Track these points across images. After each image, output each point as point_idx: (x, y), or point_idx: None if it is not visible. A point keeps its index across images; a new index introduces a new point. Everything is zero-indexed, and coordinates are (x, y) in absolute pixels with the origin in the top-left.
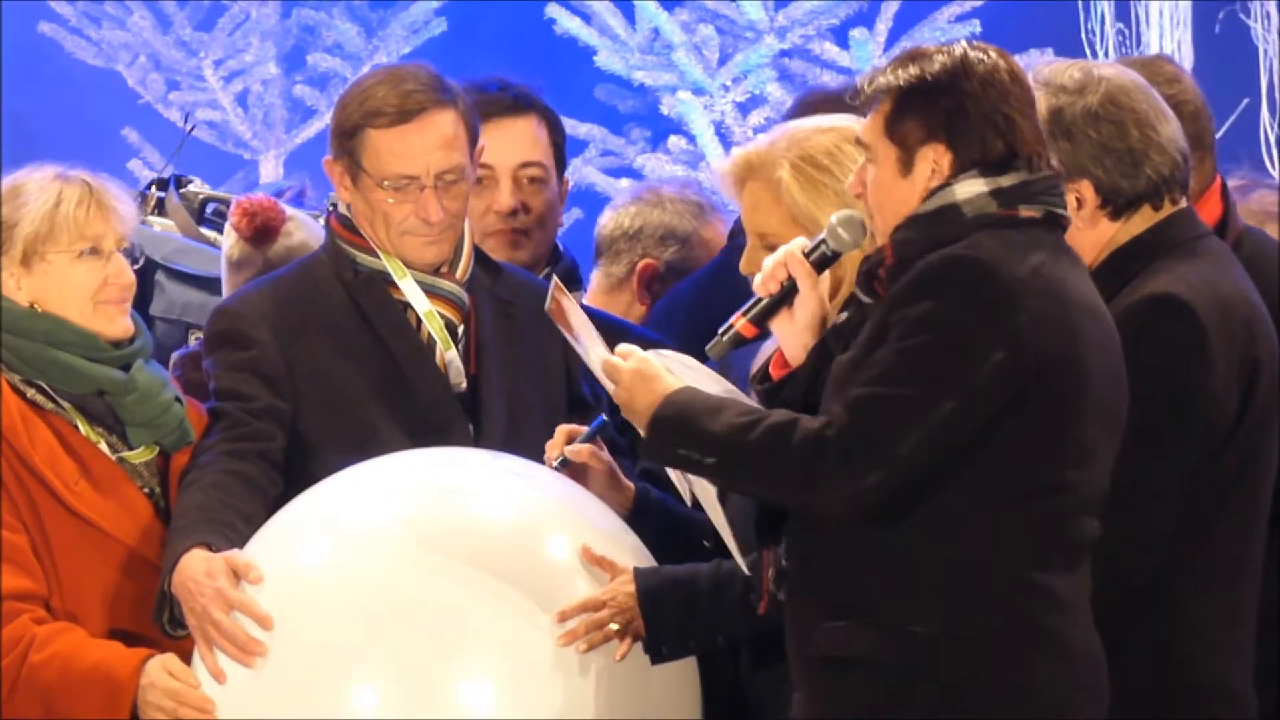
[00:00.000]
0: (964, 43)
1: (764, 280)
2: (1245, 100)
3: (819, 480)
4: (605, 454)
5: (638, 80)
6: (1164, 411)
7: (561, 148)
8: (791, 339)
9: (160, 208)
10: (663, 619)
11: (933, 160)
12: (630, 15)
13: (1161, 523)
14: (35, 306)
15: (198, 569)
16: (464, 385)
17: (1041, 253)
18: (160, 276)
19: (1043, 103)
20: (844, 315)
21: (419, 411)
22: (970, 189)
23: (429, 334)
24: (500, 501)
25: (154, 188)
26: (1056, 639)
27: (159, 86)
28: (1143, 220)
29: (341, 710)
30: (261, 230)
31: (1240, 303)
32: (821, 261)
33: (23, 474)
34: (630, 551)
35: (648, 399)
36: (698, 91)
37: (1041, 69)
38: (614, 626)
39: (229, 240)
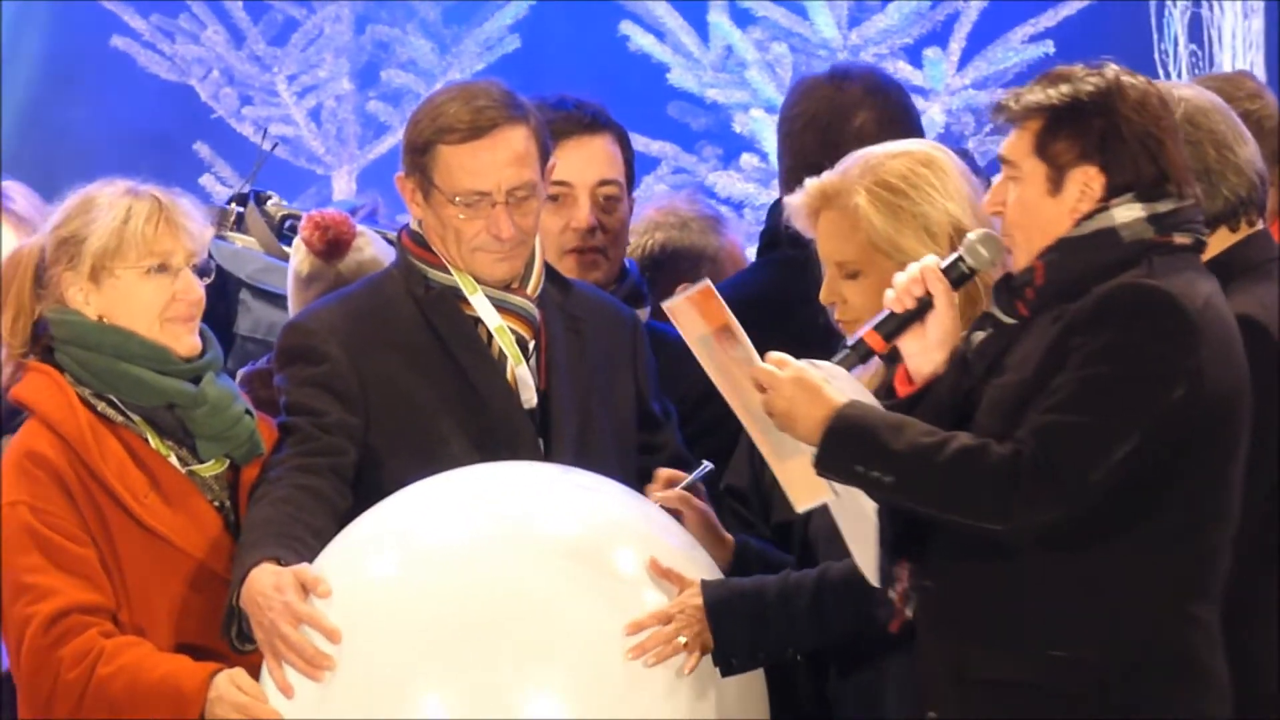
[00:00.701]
0: (1113, 66)
1: (898, 295)
2: None
3: (1015, 506)
4: (701, 503)
5: (710, 98)
6: None
7: (632, 166)
8: (921, 355)
9: (240, 224)
10: (731, 631)
11: (1084, 182)
12: (703, 33)
13: (1240, 544)
14: (104, 320)
15: (266, 583)
16: (534, 401)
17: (1208, 283)
18: (245, 295)
19: None
20: (977, 334)
21: (489, 426)
22: (1128, 214)
23: (500, 349)
24: (568, 516)
25: (234, 203)
26: (1209, 674)
27: (232, 101)
28: (1219, 242)
29: None
30: (333, 244)
31: None
32: (958, 278)
33: (92, 487)
34: (699, 565)
35: (815, 410)
36: (770, 109)
37: None
38: (682, 639)
39: (298, 255)
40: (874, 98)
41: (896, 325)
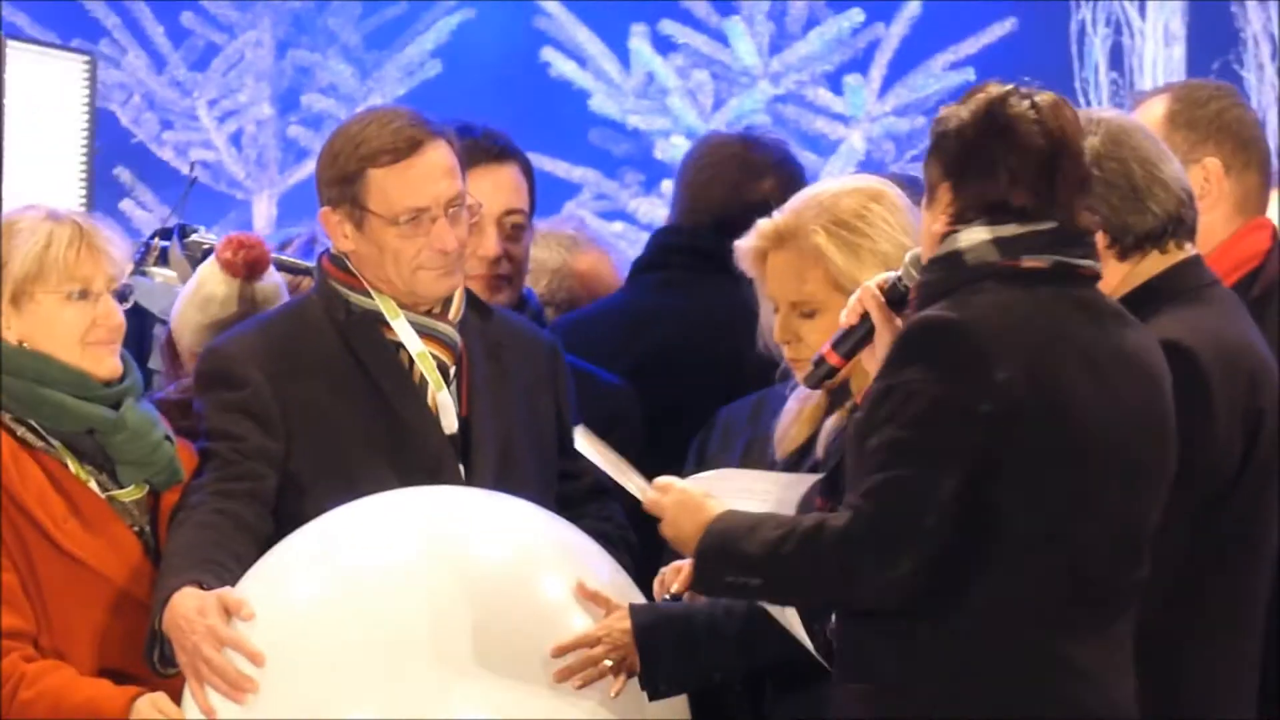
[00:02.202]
0: (1005, 86)
1: (848, 315)
2: None
3: (854, 575)
4: None
5: (632, 124)
6: None
7: (534, 195)
8: (874, 374)
9: (164, 258)
10: (659, 655)
11: (945, 201)
12: (625, 59)
13: (1159, 569)
14: (24, 345)
15: (189, 606)
16: (455, 427)
17: (1029, 306)
18: (159, 330)
19: None
20: None
21: (411, 452)
22: (973, 236)
23: (421, 375)
24: (494, 538)
25: (157, 238)
26: (1075, 710)
27: (153, 126)
28: (1151, 266)
29: None
30: (253, 265)
31: (1246, 352)
32: (899, 298)
33: (12, 512)
34: (625, 591)
35: (692, 530)
36: (692, 136)
37: None
38: (609, 663)
39: (212, 278)
40: (784, 168)
41: (853, 343)
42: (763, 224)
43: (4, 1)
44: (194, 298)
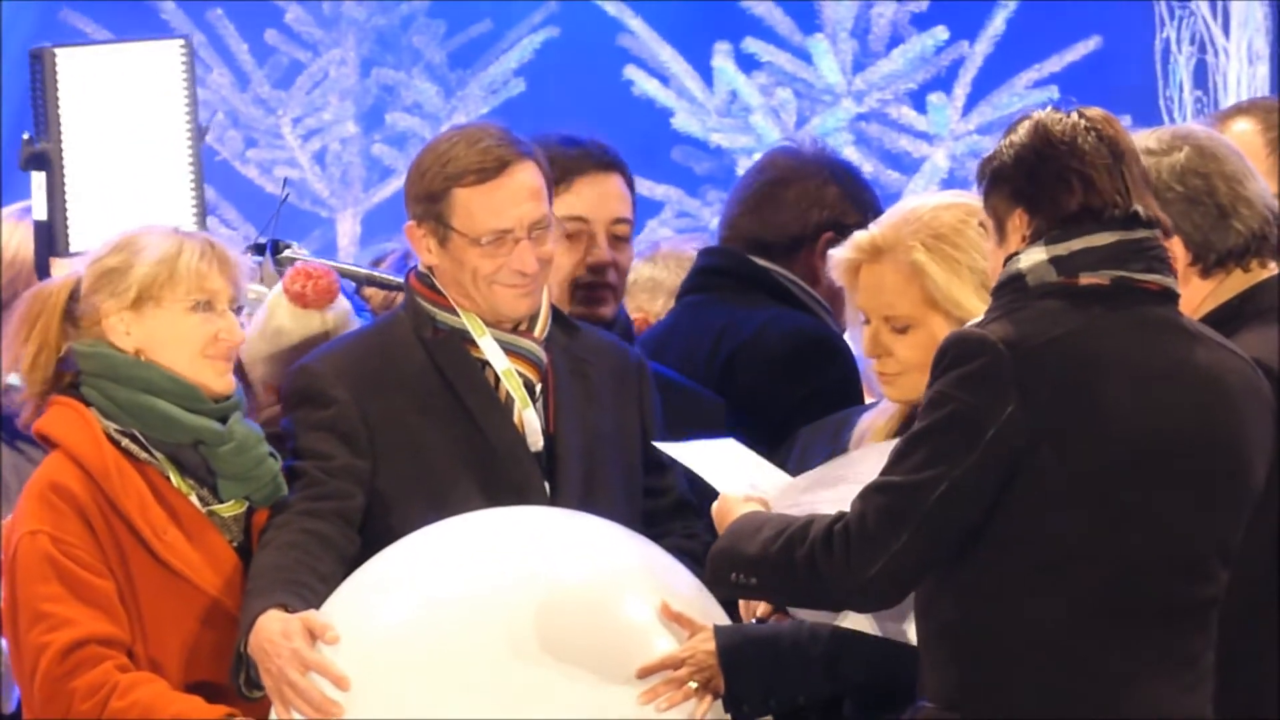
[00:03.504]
0: (1045, 110)
1: None
2: None
3: (824, 578)
4: None
5: (714, 142)
6: None
7: (635, 207)
8: None
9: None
10: (743, 677)
11: (1019, 228)
12: (708, 77)
13: (1242, 592)
14: (140, 354)
15: (274, 630)
16: (541, 444)
17: (1075, 322)
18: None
19: None
20: None
21: (496, 470)
22: (1031, 258)
23: (507, 392)
24: (578, 561)
25: (249, 253)
26: (1095, 716)
27: (237, 144)
28: (1234, 285)
29: None
30: (323, 294)
31: None
32: None
33: (114, 521)
34: (709, 612)
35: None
36: None
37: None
38: (693, 685)
39: (283, 310)
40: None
41: None
42: (859, 236)
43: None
44: (264, 330)
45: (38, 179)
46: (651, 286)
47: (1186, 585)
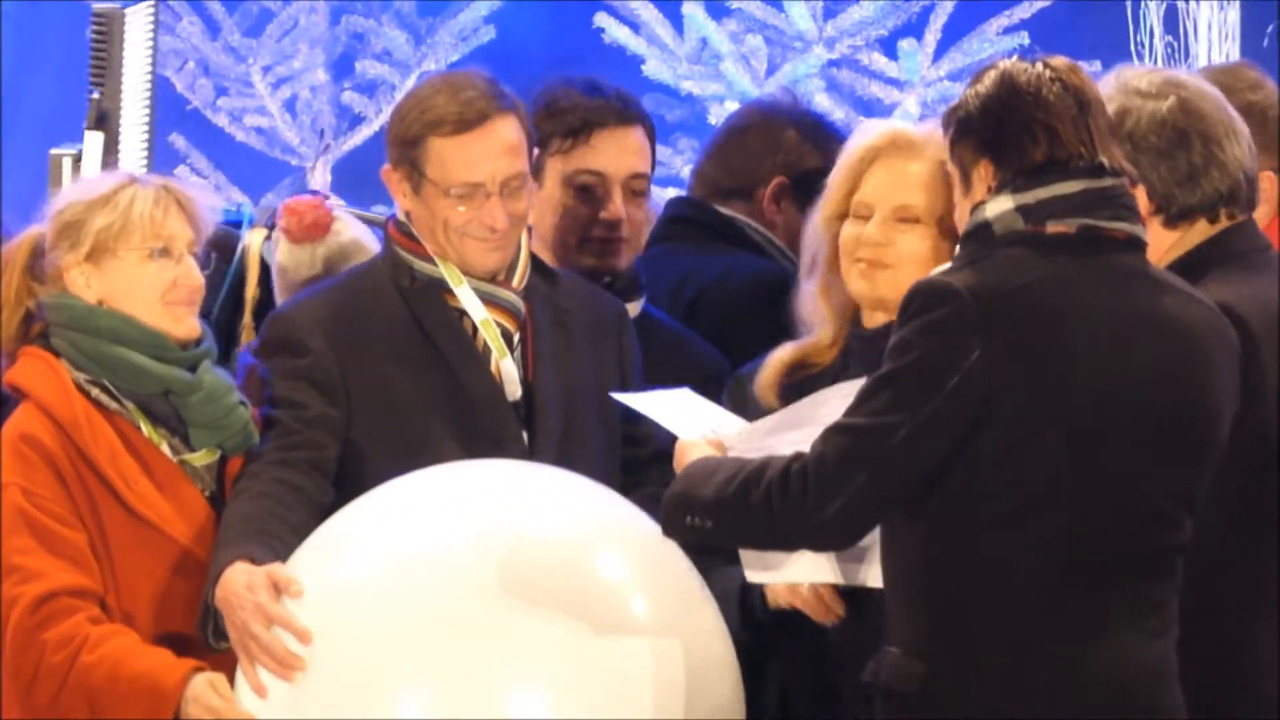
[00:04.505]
0: (1010, 59)
1: None
2: None
3: (781, 518)
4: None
5: (685, 90)
6: None
7: (654, 159)
8: None
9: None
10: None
11: (985, 178)
12: (678, 25)
13: (1206, 541)
14: (103, 304)
15: (239, 582)
16: (519, 394)
17: (1041, 270)
18: None
19: (1114, 103)
20: None
21: (473, 420)
22: (998, 206)
23: (485, 342)
24: (548, 516)
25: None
26: (1060, 662)
27: (208, 92)
28: (1201, 232)
29: None
30: (311, 228)
31: None
32: None
33: (84, 472)
34: (677, 569)
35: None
36: (746, 101)
37: (1125, 71)
38: None
39: (280, 248)
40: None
41: None
42: (892, 124)
43: None
44: (275, 272)
45: (92, 139)
46: None
47: (1150, 534)
